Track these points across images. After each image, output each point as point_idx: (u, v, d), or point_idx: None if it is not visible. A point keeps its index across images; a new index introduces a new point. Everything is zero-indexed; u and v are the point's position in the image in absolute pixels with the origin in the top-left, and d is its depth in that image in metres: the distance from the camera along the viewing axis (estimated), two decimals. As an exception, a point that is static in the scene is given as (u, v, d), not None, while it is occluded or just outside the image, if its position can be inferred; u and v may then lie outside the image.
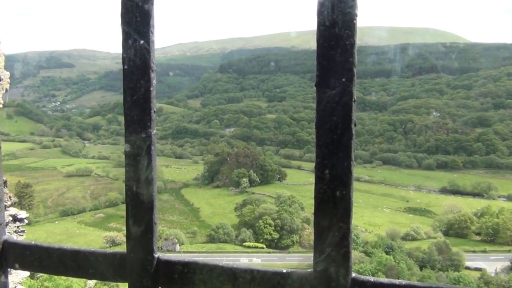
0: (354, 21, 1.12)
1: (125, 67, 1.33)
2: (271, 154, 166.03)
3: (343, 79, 1.13)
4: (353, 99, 1.14)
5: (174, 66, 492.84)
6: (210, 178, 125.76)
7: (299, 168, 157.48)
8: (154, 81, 1.35)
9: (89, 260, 1.51)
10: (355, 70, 1.14)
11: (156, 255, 1.43)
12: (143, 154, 1.36)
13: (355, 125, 1.16)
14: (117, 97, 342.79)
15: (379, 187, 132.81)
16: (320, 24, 1.13)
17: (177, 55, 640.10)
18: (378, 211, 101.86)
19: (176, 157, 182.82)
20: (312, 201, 1.15)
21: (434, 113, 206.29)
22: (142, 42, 1.30)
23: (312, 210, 1.17)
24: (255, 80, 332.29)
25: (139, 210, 1.41)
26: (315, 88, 1.16)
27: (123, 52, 1.34)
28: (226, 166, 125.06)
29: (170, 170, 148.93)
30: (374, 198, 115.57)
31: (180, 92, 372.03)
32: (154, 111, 1.38)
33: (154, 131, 1.38)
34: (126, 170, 1.40)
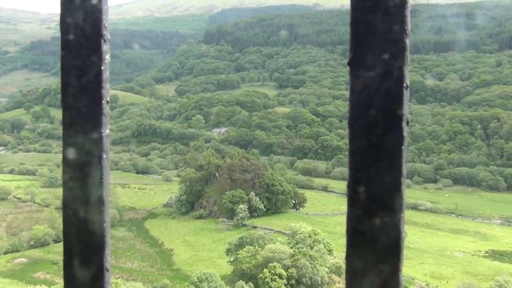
0: None
1: (71, 36, 1.34)
2: (283, 167, 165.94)
3: (385, 55, 1.13)
4: (403, 85, 1.14)
5: (135, 33, 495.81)
6: (190, 204, 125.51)
7: (325, 189, 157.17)
8: (107, 57, 1.37)
9: None
10: (407, 42, 1.13)
11: None
12: (94, 163, 1.35)
13: (407, 123, 1.15)
14: (49, 80, 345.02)
15: (447, 220, 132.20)
16: None
17: (140, 17, 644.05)
18: (446, 256, 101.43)
19: (137, 172, 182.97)
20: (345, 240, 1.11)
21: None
22: (95, 1, 1.33)
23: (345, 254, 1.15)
24: (258, 55, 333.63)
25: (89, 245, 1.36)
26: (348, 68, 1.16)
27: (65, 14, 1.35)
28: (214, 185, 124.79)
29: (129, 191, 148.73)
30: (440, 236, 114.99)
31: (145, 72, 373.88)
32: (107, 102, 1.39)
33: (107, 131, 1.39)
34: (67, 186, 1.36)
